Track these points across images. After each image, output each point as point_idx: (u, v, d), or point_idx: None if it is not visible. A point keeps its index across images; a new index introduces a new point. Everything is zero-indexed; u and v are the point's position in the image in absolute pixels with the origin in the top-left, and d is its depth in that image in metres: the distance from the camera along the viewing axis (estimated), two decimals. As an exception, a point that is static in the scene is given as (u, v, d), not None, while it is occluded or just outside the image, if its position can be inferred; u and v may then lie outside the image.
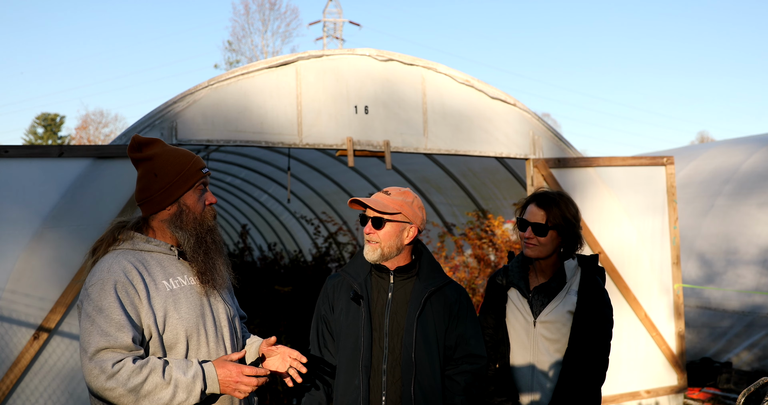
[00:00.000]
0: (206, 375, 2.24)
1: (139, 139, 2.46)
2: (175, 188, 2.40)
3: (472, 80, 6.06)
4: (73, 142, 40.59)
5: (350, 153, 5.56)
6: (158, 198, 2.41)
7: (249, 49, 36.93)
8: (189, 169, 2.42)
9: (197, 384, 2.22)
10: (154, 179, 2.40)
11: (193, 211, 2.43)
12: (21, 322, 4.43)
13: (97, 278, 2.28)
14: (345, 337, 2.77)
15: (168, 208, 2.42)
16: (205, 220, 2.46)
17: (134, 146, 2.45)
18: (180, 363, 2.25)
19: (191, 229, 2.42)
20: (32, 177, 4.55)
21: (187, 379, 2.22)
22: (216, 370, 2.26)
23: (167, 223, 2.43)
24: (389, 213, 2.71)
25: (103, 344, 2.18)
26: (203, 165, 2.49)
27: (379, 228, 2.72)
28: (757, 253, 8.18)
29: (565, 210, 2.98)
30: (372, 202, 2.73)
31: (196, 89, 5.06)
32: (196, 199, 2.44)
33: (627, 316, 6.34)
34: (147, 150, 2.44)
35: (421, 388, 2.70)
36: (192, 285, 2.43)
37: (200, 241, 2.43)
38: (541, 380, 3.00)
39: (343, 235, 10.39)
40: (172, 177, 2.40)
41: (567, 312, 2.99)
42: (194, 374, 2.23)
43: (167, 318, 2.32)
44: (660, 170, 6.64)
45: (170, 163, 2.41)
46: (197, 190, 2.45)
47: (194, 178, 2.43)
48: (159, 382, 2.18)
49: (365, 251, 2.77)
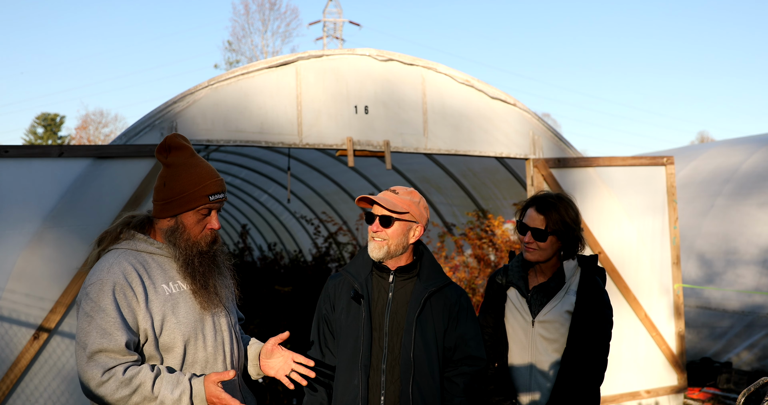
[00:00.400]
0: (194, 393, 2.24)
1: (173, 141, 2.41)
2: (174, 205, 2.38)
3: (472, 80, 6.06)
4: (73, 142, 40.59)
5: (350, 153, 5.56)
6: (159, 207, 2.41)
7: (249, 49, 36.95)
8: (195, 192, 2.37)
9: (183, 402, 2.23)
10: (162, 188, 2.39)
11: (188, 231, 2.39)
12: (21, 322, 4.43)
13: (96, 278, 2.28)
14: (345, 336, 2.77)
15: (167, 220, 2.41)
16: (197, 244, 2.41)
17: (164, 146, 2.41)
18: (170, 378, 2.25)
19: (182, 248, 2.38)
20: (32, 177, 4.54)
21: (174, 398, 2.21)
22: (204, 389, 2.25)
23: (163, 232, 2.42)
24: (398, 212, 2.72)
25: (98, 346, 2.18)
26: (218, 190, 2.41)
27: (388, 226, 2.72)
28: (757, 253, 8.18)
29: (564, 214, 2.97)
30: (381, 200, 2.73)
31: (196, 89, 5.06)
32: (195, 221, 2.40)
33: (627, 316, 6.34)
34: (171, 156, 2.40)
35: (419, 387, 2.70)
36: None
37: (187, 263, 2.39)
38: (540, 380, 3.00)
39: (343, 235, 10.39)
40: (176, 194, 2.37)
41: (565, 312, 2.99)
42: (181, 392, 2.23)
43: (165, 322, 2.31)
44: (660, 170, 6.64)
45: (181, 180, 2.37)
46: (199, 213, 2.39)
47: (196, 203, 2.37)
48: (147, 396, 2.19)
49: (370, 248, 2.76)
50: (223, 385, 2.36)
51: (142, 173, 4.73)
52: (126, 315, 2.25)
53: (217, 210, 2.44)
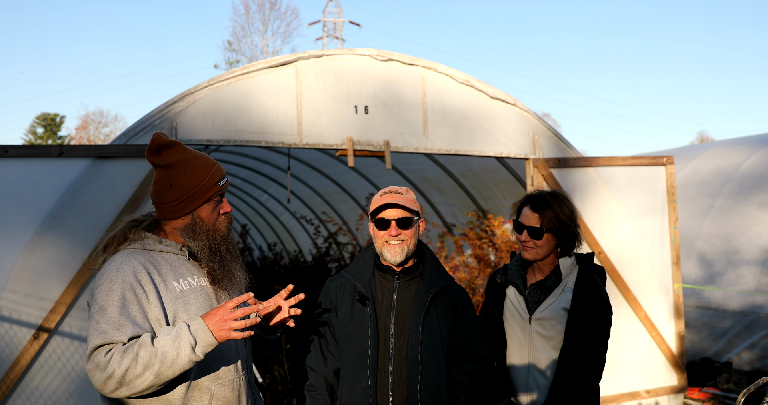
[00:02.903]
0: (192, 328, 2.17)
1: (160, 140, 2.37)
2: (189, 202, 2.36)
3: (472, 80, 6.06)
4: (73, 142, 40.58)
5: (350, 153, 5.56)
6: (171, 208, 2.37)
7: (249, 49, 36.95)
8: (206, 183, 2.37)
9: (182, 339, 2.15)
10: (169, 189, 2.35)
11: (206, 223, 2.39)
12: (21, 322, 4.43)
13: (105, 277, 2.27)
14: (350, 339, 2.76)
15: (182, 219, 2.39)
16: (218, 230, 2.42)
17: (154, 148, 2.37)
18: (165, 329, 2.20)
19: (204, 240, 2.38)
20: (32, 177, 4.54)
21: (170, 339, 2.16)
22: (204, 319, 2.19)
23: (180, 231, 2.39)
24: (414, 211, 2.75)
25: (98, 342, 2.16)
26: (222, 175, 2.43)
27: (408, 228, 2.73)
28: (757, 253, 8.18)
29: (559, 211, 2.99)
30: (403, 201, 2.73)
31: (196, 89, 5.06)
32: (210, 210, 2.40)
33: (627, 316, 6.34)
34: (166, 156, 2.36)
35: (427, 387, 2.71)
36: (202, 286, 2.41)
37: (214, 251, 2.39)
38: (537, 377, 3.01)
39: (343, 235, 10.39)
40: (188, 191, 2.35)
41: (562, 309, 3.00)
42: (177, 330, 2.17)
43: (177, 319, 2.30)
44: (660, 170, 6.64)
45: (188, 176, 2.35)
46: (212, 202, 2.40)
47: (210, 192, 2.38)
48: (150, 352, 2.13)
49: (392, 253, 2.74)
50: (232, 378, 2.38)
51: (142, 173, 4.73)
52: (135, 313, 2.22)
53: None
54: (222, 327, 2.17)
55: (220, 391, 2.35)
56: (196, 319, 2.21)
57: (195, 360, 2.16)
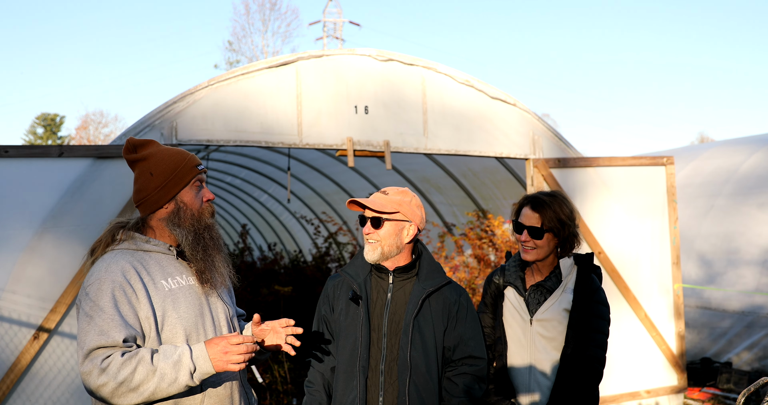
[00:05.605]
0: (194, 354, 2.22)
1: (134, 140, 2.48)
2: (171, 185, 2.42)
3: (472, 80, 6.06)
4: (73, 142, 40.59)
5: (350, 153, 5.56)
6: (155, 196, 2.42)
7: (249, 49, 36.93)
8: (184, 166, 2.44)
9: (183, 365, 2.20)
10: (150, 178, 2.42)
11: (190, 208, 2.45)
12: (21, 322, 4.43)
13: (94, 278, 2.29)
14: (344, 338, 2.78)
15: (165, 207, 2.44)
16: (203, 216, 2.47)
17: (129, 148, 2.47)
18: (167, 349, 2.24)
19: (189, 226, 2.43)
20: (32, 177, 4.55)
21: (171, 362, 2.20)
22: (206, 348, 2.24)
23: (165, 221, 2.43)
24: (387, 212, 2.73)
25: (95, 343, 2.18)
26: (198, 162, 2.51)
27: (378, 227, 2.74)
28: (757, 254, 8.18)
29: (559, 211, 2.99)
30: (370, 202, 2.74)
31: (196, 89, 5.06)
32: (193, 195, 2.46)
33: (627, 316, 6.34)
34: (142, 150, 2.46)
35: (417, 389, 2.70)
36: (191, 285, 2.43)
37: (198, 238, 2.44)
38: (539, 378, 3.01)
39: (343, 235, 10.39)
40: (168, 175, 2.42)
41: (563, 310, 3.00)
42: (179, 354, 2.21)
43: (166, 317, 2.32)
44: (660, 170, 6.64)
45: (165, 162, 2.43)
46: (194, 186, 2.47)
47: (190, 175, 2.45)
48: (149, 370, 2.17)
49: (365, 251, 2.78)
50: (225, 379, 2.38)
51: (142, 173, 4.73)
52: (126, 313, 2.25)
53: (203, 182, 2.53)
54: (222, 358, 2.23)
55: (212, 389, 2.37)
56: (199, 345, 2.25)
57: (191, 385, 2.23)
